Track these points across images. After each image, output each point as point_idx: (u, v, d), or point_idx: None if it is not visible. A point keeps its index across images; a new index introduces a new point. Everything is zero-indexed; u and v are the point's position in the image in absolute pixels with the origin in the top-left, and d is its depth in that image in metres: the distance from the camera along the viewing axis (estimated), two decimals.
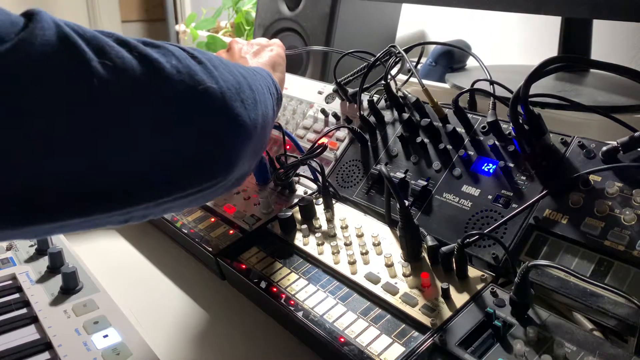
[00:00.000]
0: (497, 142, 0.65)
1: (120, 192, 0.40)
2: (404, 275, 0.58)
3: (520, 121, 0.60)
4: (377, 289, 0.57)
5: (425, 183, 0.67)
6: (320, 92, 0.90)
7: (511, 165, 0.63)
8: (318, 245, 0.65)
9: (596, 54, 0.99)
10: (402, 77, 0.83)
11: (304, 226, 0.68)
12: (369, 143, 0.77)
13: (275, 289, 0.60)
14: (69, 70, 0.36)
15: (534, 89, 0.57)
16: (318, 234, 0.67)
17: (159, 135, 0.41)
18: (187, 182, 0.45)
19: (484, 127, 0.67)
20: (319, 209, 0.71)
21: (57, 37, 0.35)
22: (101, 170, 0.38)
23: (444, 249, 0.56)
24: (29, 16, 0.36)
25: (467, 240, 0.55)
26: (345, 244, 0.64)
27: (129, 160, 0.39)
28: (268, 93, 0.57)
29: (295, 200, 0.74)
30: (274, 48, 0.80)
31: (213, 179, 0.47)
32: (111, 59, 0.38)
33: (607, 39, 1.08)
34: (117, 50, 0.39)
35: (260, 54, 0.78)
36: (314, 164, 0.74)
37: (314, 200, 0.72)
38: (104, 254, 0.79)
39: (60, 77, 0.35)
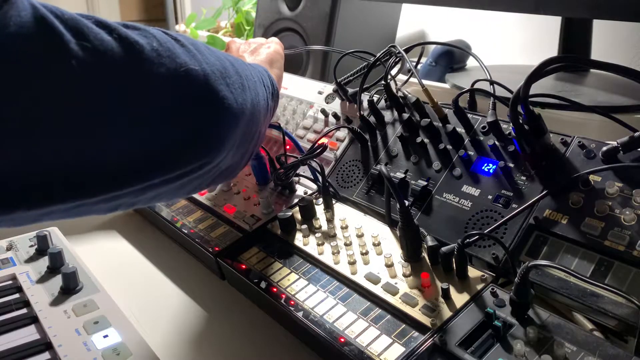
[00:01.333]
0: (497, 142, 0.65)
1: (102, 176, 0.40)
2: (404, 275, 0.58)
3: (520, 121, 0.60)
4: (377, 289, 0.57)
5: (425, 183, 0.67)
6: (320, 92, 0.90)
7: (511, 165, 0.63)
8: (318, 245, 0.65)
9: (596, 54, 0.99)
10: (402, 77, 0.83)
11: (304, 226, 0.68)
12: (369, 143, 0.77)
13: (275, 289, 0.60)
14: (46, 52, 0.35)
15: (534, 89, 0.57)
16: (318, 234, 0.67)
17: (139, 117, 0.40)
18: (171, 164, 0.44)
19: (484, 127, 0.67)
20: (319, 209, 0.71)
21: (33, 19, 0.34)
22: (81, 154, 0.38)
23: (444, 249, 0.56)
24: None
25: (467, 240, 0.55)
26: (345, 244, 0.64)
27: (109, 142, 0.39)
28: (261, 84, 0.57)
29: (295, 200, 0.74)
30: (272, 45, 0.80)
31: (197, 160, 0.46)
32: (90, 40, 0.37)
33: (607, 39, 1.08)
34: (96, 32, 0.38)
35: (258, 51, 0.78)
36: (314, 164, 0.74)
37: (314, 200, 0.72)
38: (104, 254, 0.79)
39: (37, 60, 0.34)
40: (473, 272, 0.56)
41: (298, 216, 0.70)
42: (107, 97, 0.38)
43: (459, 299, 0.53)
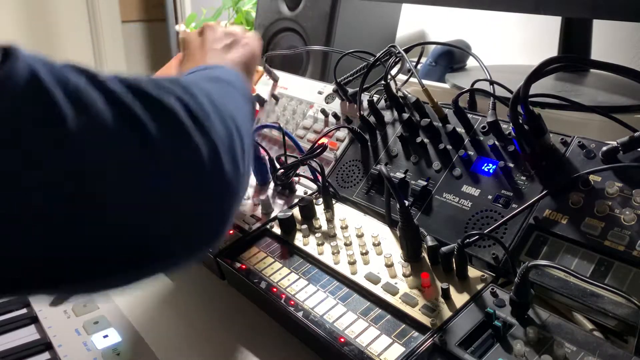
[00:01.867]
0: (497, 142, 0.65)
1: (90, 262, 0.36)
2: (404, 275, 0.58)
3: (520, 121, 0.60)
4: (377, 289, 0.57)
5: (425, 183, 0.67)
6: (320, 92, 0.90)
7: (511, 165, 0.63)
8: (318, 245, 0.65)
9: (596, 54, 0.99)
10: (402, 77, 0.83)
11: (304, 226, 0.67)
12: (369, 143, 0.77)
13: (275, 289, 0.60)
14: (40, 127, 0.32)
15: (534, 89, 0.57)
16: (318, 234, 0.67)
17: (136, 201, 0.36)
18: (168, 253, 0.40)
19: (484, 127, 0.67)
20: (319, 209, 0.71)
21: (29, 86, 0.32)
22: (69, 239, 0.34)
23: (444, 249, 0.56)
24: (4, 55, 0.33)
25: (467, 240, 0.55)
26: (345, 244, 0.64)
27: (101, 228, 0.35)
28: (248, 117, 0.51)
29: (295, 200, 0.74)
30: (250, 42, 0.73)
31: (199, 250, 0.42)
32: (91, 115, 0.34)
33: (607, 39, 1.08)
34: (101, 110, 0.35)
35: (233, 48, 0.70)
36: (314, 164, 0.74)
37: (314, 201, 0.72)
38: None
39: (30, 132, 0.32)
40: (473, 272, 0.56)
41: (298, 216, 0.70)
42: (106, 176, 0.35)
43: (459, 299, 0.53)
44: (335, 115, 0.84)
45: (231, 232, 0.72)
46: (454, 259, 0.56)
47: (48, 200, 0.32)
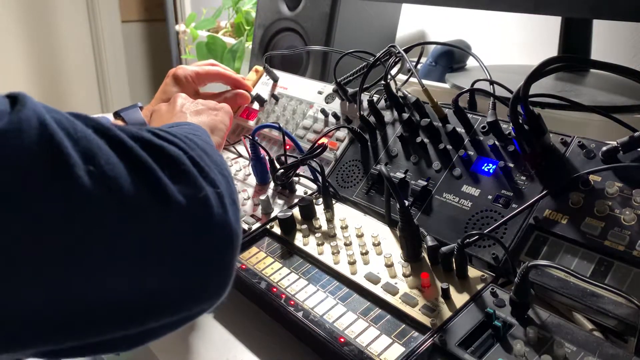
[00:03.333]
0: (497, 142, 0.65)
1: (92, 320, 0.34)
2: (404, 275, 0.58)
3: (520, 121, 0.60)
4: (377, 289, 0.57)
5: (425, 183, 0.67)
6: (320, 92, 0.90)
7: (511, 165, 0.63)
8: (318, 245, 0.65)
9: (596, 54, 0.99)
10: (402, 77, 0.83)
11: (304, 226, 0.68)
12: (369, 143, 0.77)
13: (275, 289, 0.60)
14: (47, 177, 0.31)
15: (534, 89, 0.57)
16: (318, 234, 0.67)
17: (147, 265, 0.35)
18: (171, 311, 0.38)
19: (484, 127, 0.67)
20: (319, 209, 0.71)
21: (38, 137, 0.31)
22: (73, 302, 0.33)
23: (444, 249, 0.56)
24: (12, 102, 0.32)
25: (467, 240, 0.55)
26: (345, 244, 0.64)
27: (108, 282, 0.34)
28: (228, 168, 0.49)
29: (295, 200, 0.74)
30: (219, 114, 0.74)
31: (208, 304, 0.41)
32: (100, 165, 0.33)
33: (607, 39, 1.08)
34: (108, 156, 0.34)
35: (202, 114, 0.72)
36: (314, 164, 0.74)
37: (314, 200, 0.72)
38: None
39: (36, 185, 0.31)
40: (473, 272, 0.56)
41: (298, 216, 0.70)
42: (109, 237, 0.33)
43: (459, 299, 0.53)
44: (335, 115, 0.84)
45: None
46: (454, 259, 0.56)
47: (54, 256, 0.31)
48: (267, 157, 0.79)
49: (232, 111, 0.78)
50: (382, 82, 0.78)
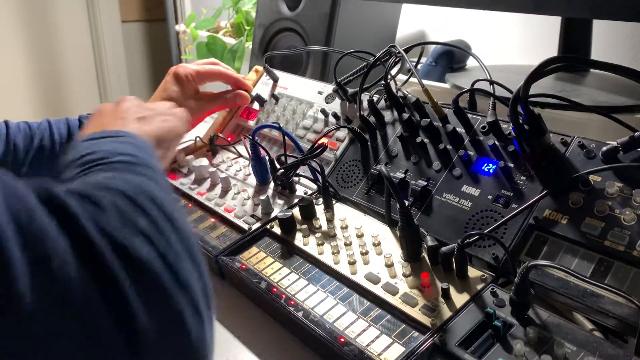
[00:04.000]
0: (497, 142, 0.65)
1: None
2: (404, 275, 0.58)
3: (520, 121, 0.60)
4: (377, 289, 0.57)
5: (425, 183, 0.67)
6: (320, 92, 0.90)
7: (511, 165, 0.63)
8: (318, 245, 0.65)
9: (596, 54, 0.99)
10: (402, 77, 0.83)
11: (304, 226, 0.68)
12: (369, 143, 0.77)
13: (275, 289, 0.60)
14: None
15: (534, 89, 0.57)
16: (318, 234, 0.67)
17: None
18: None
19: (484, 127, 0.67)
20: (319, 209, 0.71)
21: None
22: None
23: (444, 249, 0.56)
24: None
25: (467, 240, 0.55)
26: (345, 244, 0.64)
27: None
28: (182, 213, 0.41)
29: (295, 200, 0.74)
30: (170, 120, 0.67)
31: None
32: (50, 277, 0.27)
33: (607, 39, 1.08)
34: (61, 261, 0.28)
35: (148, 121, 0.64)
36: (314, 164, 0.74)
37: (314, 200, 0.72)
38: None
39: None
40: (473, 272, 0.56)
41: (298, 216, 0.70)
42: None
43: (459, 299, 0.53)
44: (335, 115, 0.84)
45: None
46: (454, 259, 0.56)
47: None
48: (267, 157, 0.79)
49: (189, 116, 0.72)
50: (382, 82, 0.78)
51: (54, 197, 0.31)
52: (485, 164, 0.64)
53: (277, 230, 0.69)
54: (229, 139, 0.94)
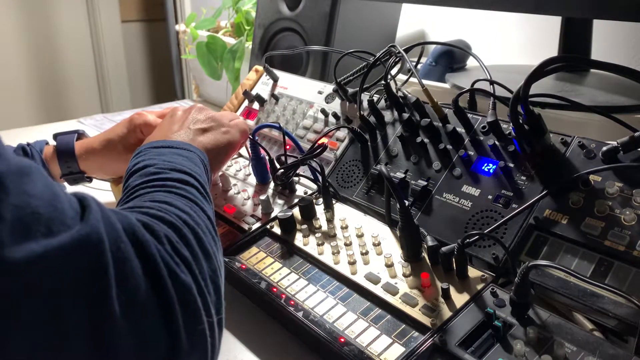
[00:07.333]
0: (497, 142, 0.65)
1: None
2: (404, 275, 0.58)
3: (520, 121, 0.60)
4: (377, 289, 0.57)
5: (425, 183, 0.67)
6: (320, 92, 0.90)
7: (511, 165, 0.63)
8: (318, 245, 0.65)
9: (596, 54, 0.99)
10: (402, 77, 0.83)
11: (304, 226, 0.67)
12: (369, 143, 0.77)
13: (275, 289, 0.60)
14: (82, 307, 0.34)
15: (534, 89, 0.57)
16: (318, 234, 0.67)
17: None
18: None
19: (484, 127, 0.67)
20: (319, 209, 0.71)
21: (94, 261, 0.34)
22: None
23: (444, 249, 0.56)
24: (81, 205, 0.36)
25: (467, 240, 0.55)
26: (345, 244, 0.64)
27: None
28: (212, 229, 0.51)
29: (295, 200, 0.74)
30: (231, 131, 0.71)
31: None
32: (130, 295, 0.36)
33: (607, 39, 1.08)
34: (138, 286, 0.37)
35: (209, 132, 0.68)
36: (314, 164, 0.74)
37: (314, 200, 0.72)
38: None
39: (70, 311, 0.33)
40: (473, 272, 0.56)
41: (298, 216, 0.70)
42: None
43: (459, 299, 0.53)
44: (335, 115, 0.84)
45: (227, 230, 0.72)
46: (454, 259, 0.56)
47: None
48: (267, 157, 0.79)
49: (246, 126, 0.75)
50: (382, 82, 0.78)
51: (135, 229, 0.39)
52: (486, 164, 0.64)
53: (277, 230, 0.69)
54: None
